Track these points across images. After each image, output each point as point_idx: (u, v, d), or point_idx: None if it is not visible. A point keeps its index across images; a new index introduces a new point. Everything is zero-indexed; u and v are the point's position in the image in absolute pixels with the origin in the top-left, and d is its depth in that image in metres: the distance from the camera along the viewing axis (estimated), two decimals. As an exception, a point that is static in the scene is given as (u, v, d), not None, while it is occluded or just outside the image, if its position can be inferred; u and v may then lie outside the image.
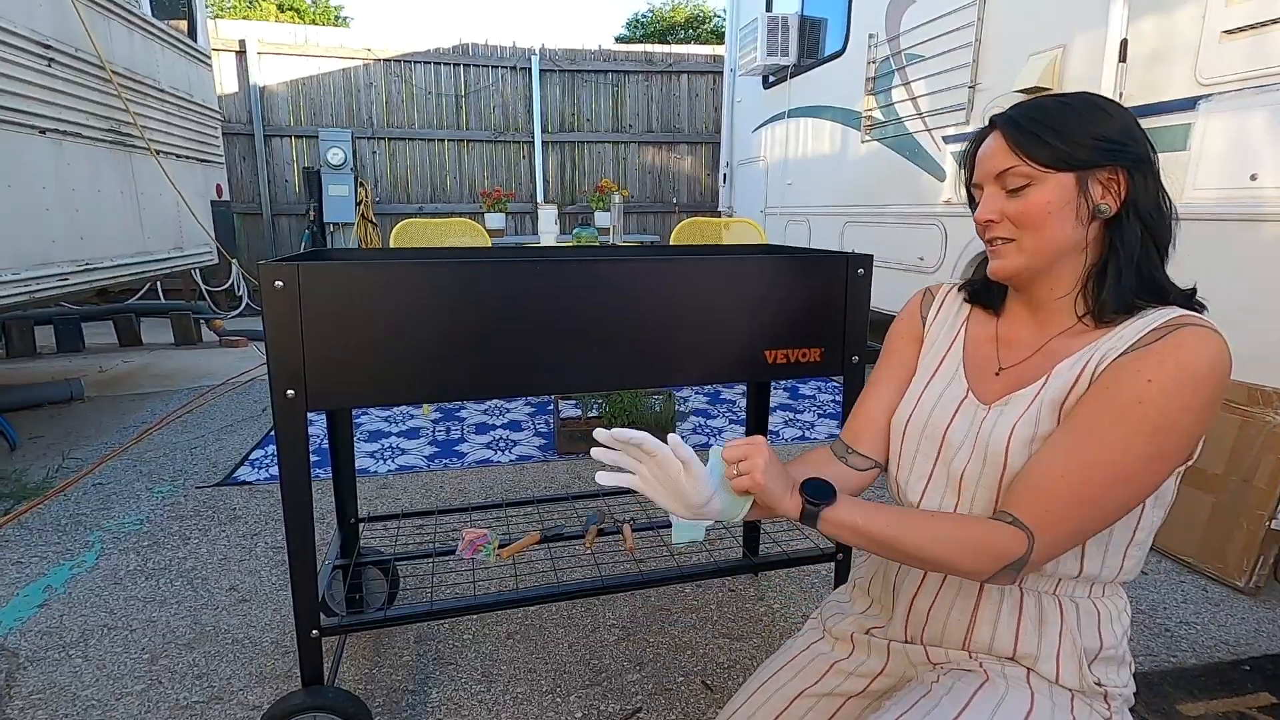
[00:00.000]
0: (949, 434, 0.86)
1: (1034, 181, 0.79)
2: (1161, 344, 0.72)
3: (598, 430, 0.79)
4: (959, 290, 0.99)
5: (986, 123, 0.86)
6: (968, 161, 0.89)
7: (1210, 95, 2.06)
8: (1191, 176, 2.10)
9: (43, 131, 2.86)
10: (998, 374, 0.88)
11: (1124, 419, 0.71)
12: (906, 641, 0.90)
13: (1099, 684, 0.80)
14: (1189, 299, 0.79)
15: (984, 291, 0.95)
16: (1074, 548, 0.76)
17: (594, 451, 0.79)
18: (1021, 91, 2.67)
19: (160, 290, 6.30)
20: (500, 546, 1.50)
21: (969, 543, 0.74)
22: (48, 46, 2.87)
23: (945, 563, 0.75)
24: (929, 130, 3.30)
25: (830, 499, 0.77)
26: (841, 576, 1.54)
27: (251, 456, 2.88)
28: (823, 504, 0.77)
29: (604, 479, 0.79)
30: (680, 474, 0.76)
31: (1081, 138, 0.77)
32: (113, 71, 3.31)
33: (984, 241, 0.86)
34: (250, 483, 2.62)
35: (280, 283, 1.07)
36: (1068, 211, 0.78)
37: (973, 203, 0.90)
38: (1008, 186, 0.81)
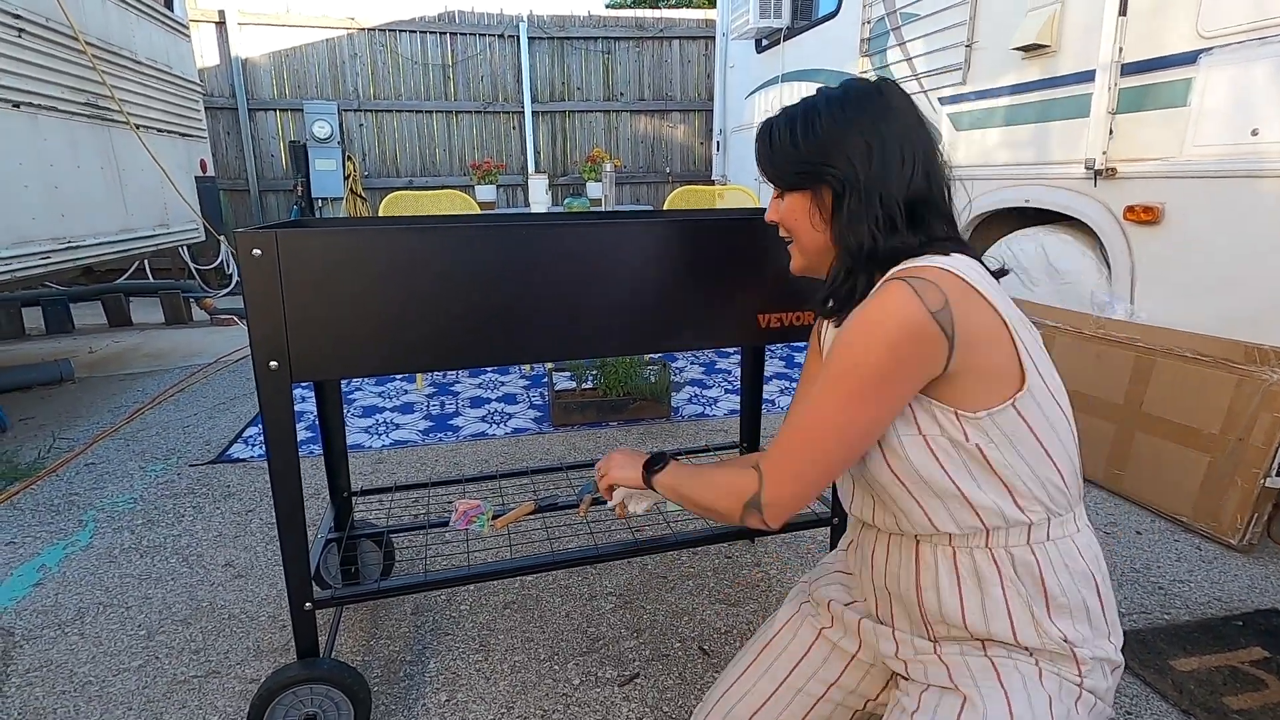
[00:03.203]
0: None
1: (785, 190, 0.89)
2: (858, 307, 0.80)
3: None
4: None
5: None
6: None
7: (1212, 49, 2.01)
8: (1192, 133, 2.06)
9: (16, 105, 2.78)
10: None
11: (822, 375, 0.79)
12: (877, 620, 0.92)
13: (1065, 639, 0.78)
14: (931, 242, 0.81)
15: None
16: (813, 488, 0.82)
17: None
18: (1019, 49, 2.62)
19: (149, 269, 6.22)
20: (494, 517, 1.49)
21: (722, 486, 0.88)
22: (17, 16, 2.78)
23: (710, 505, 0.90)
24: (925, 91, 3.24)
25: (661, 465, 0.98)
26: (836, 542, 1.53)
27: (245, 434, 2.86)
28: (654, 471, 0.99)
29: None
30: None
31: (783, 164, 0.87)
32: (86, 43, 3.22)
33: None
34: (244, 460, 2.60)
35: (258, 251, 1.04)
36: (812, 219, 0.87)
37: None
38: (777, 190, 0.91)
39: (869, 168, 0.81)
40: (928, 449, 0.78)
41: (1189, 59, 2.07)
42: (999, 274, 0.85)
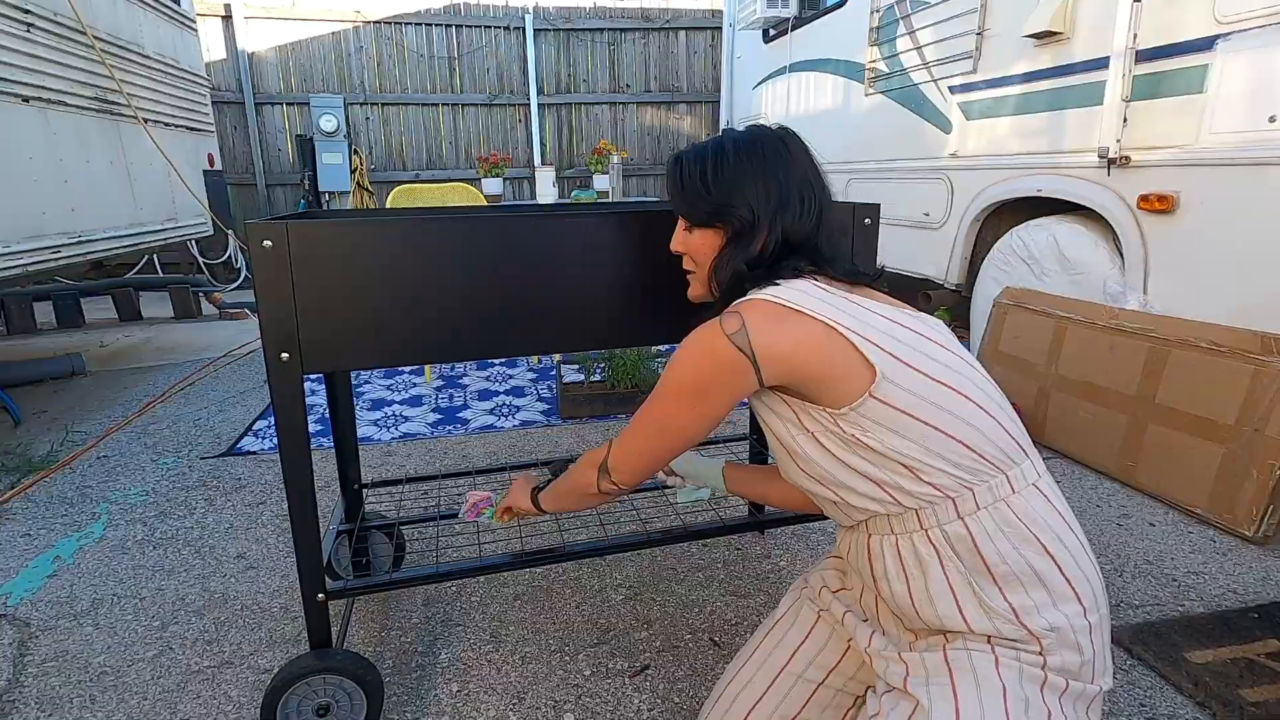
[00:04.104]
0: None
1: (693, 225, 0.96)
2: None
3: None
4: None
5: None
6: None
7: (1229, 34, 1.98)
8: (1208, 120, 2.04)
9: (26, 100, 2.79)
10: None
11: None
12: (862, 612, 0.95)
13: (1013, 610, 0.77)
14: (779, 271, 0.89)
15: None
16: (643, 467, 0.97)
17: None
18: (1031, 36, 2.58)
19: (158, 264, 6.24)
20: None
21: (582, 462, 1.05)
22: (26, 11, 2.79)
23: (577, 481, 1.06)
24: (934, 80, 3.21)
25: (542, 488, 1.18)
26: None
27: (255, 427, 2.88)
28: (537, 493, 1.18)
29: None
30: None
31: (693, 203, 0.93)
32: (95, 37, 3.22)
33: None
34: (254, 453, 2.62)
35: (269, 242, 1.04)
36: (715, 253, 0.94)
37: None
38: (685, 223, 0.97)
39: (768, 212, 0.89)
40: (818, 443, 0.84)
41: (1206, 45, 2.04)
42: (876, 275, 0.94)
